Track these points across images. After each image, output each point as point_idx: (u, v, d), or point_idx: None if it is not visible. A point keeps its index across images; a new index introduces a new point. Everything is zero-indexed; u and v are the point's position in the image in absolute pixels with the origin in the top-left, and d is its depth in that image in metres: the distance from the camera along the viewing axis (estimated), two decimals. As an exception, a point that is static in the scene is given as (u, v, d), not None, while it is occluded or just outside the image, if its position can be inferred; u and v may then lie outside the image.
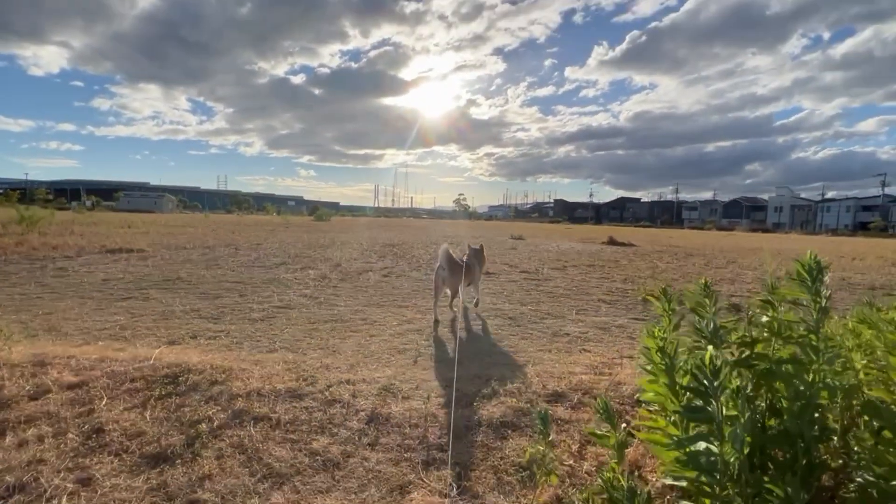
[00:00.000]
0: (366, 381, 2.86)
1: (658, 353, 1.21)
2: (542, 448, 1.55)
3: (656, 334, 1.24)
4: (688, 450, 1.09)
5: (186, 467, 1.90)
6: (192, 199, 72.45)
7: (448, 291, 4.86)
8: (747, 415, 1.17)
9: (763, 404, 1.56)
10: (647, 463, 1.95)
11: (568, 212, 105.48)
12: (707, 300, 1.67)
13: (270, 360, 3.19)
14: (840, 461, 1.52)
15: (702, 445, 1.11)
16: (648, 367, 1.27)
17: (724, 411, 1.10)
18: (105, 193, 62.25)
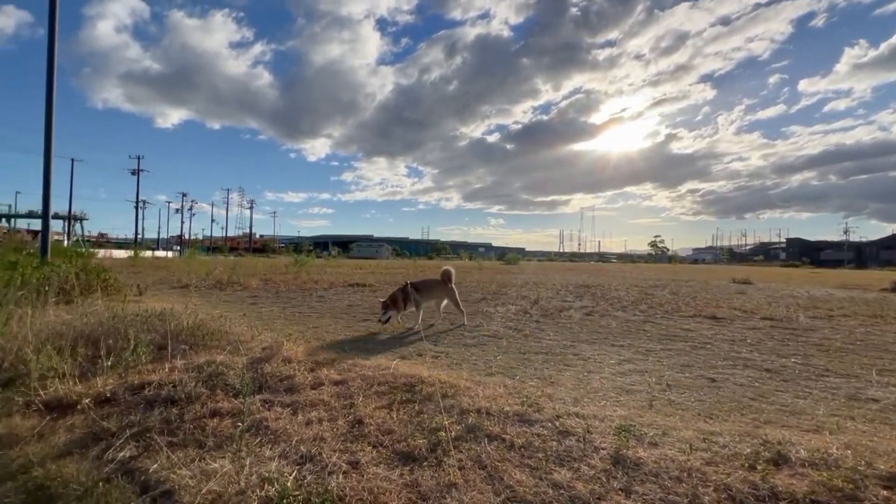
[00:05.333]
0: (597, 418, 2.52)
1: None
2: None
3: None
4: None
5: (433, 471, 1.92)
6: (403, 247, 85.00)
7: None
8: None
9: None
10: None
11: (809, 253, 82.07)
12: None
13: (491, 382, 3.17)
14: None
15: None
16: None
17: None
18: (344, 245, 78.95)
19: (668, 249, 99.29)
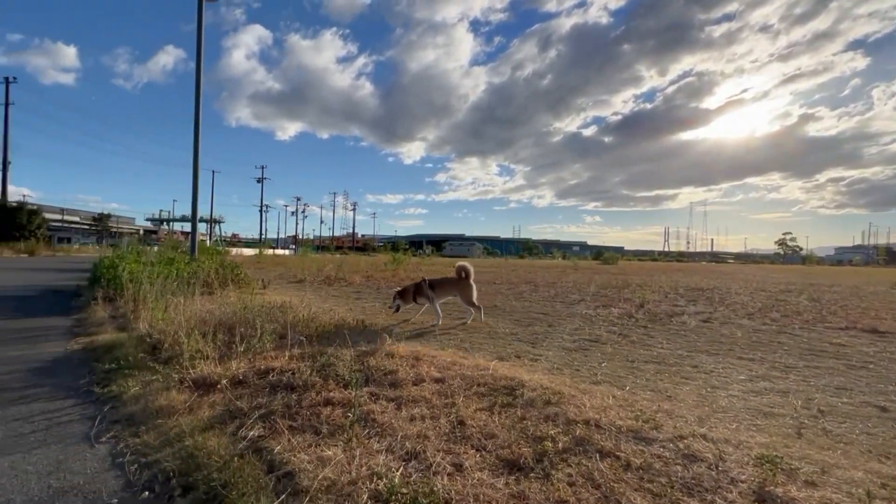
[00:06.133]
0: (730, 443, 2.18)
1: None
2: None
3: None
4: None
5: (541, 484, 1.81)
6: (494, 246, 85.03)
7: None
8: None
9: None
10: None
11: None
12: None
13: (597, 391, 2.94)
14: None
15: None
16: None
17: None
18: (437, 244, 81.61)
19: (800, 248, 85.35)
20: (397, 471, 1.87)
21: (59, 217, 52.33)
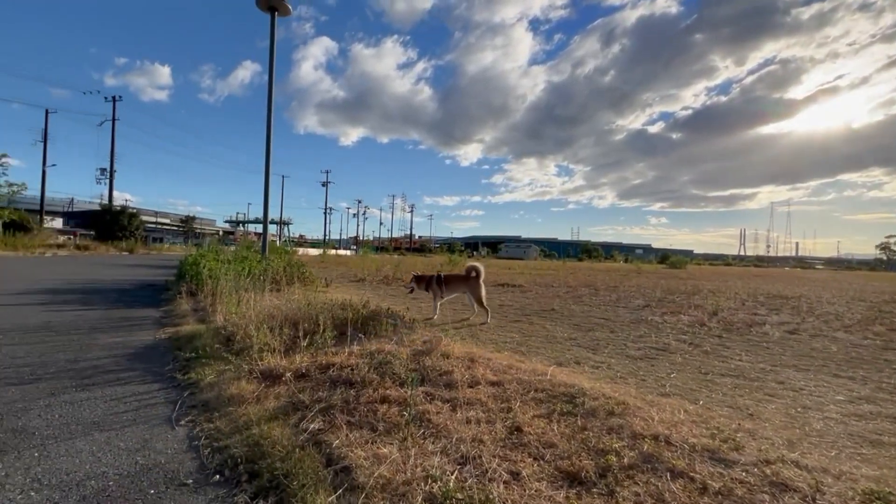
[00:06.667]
0: (828, 473, 1.92)
1: None
2: None
3: None
4: None
5: (604, 501, 1.69)
6: (551, 248, 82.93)
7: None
8: None
9: None
10: None
11: None
12: None
13: (666, 404, 2.72)
14: None
15: None
16: None
17: None
18: (493, 246, 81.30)
19: (909, 253, 74.57)
20: (452, 474, 1.84)
21: (153, 219, 58.51)
